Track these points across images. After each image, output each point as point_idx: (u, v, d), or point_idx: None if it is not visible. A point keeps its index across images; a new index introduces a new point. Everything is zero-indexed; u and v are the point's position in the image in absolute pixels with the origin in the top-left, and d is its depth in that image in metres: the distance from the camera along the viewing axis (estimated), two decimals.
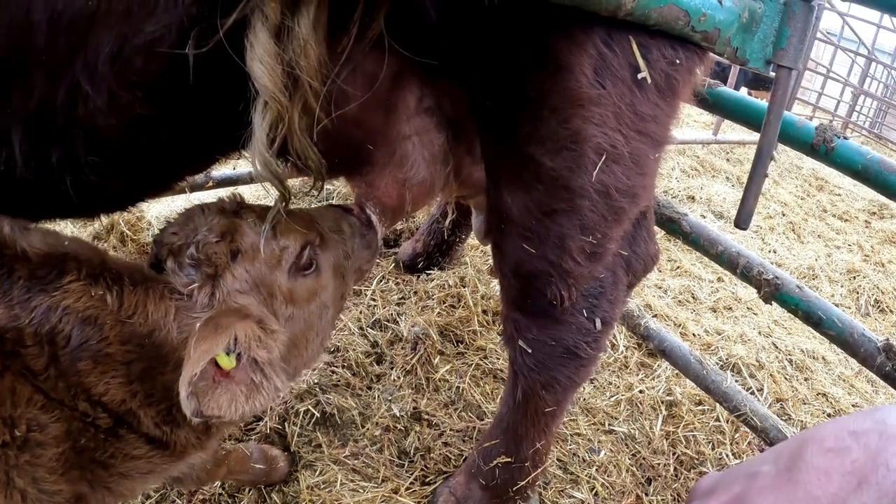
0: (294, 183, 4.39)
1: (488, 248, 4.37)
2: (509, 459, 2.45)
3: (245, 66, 1.35)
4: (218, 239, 1.54)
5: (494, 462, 2.46)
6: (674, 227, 2.96)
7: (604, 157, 1.77)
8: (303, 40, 1.35)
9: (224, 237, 1.54)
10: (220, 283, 1.51)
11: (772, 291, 2.63)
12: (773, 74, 1.80)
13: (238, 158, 2.13)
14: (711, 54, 1.83)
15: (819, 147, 2.27)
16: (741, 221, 1.92)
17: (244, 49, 1.34)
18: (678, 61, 1.73)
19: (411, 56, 1.66)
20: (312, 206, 3.40)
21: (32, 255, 1.38)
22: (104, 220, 3.94)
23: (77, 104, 1.41)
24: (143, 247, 3.84)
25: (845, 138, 2.26)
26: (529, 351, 2.19)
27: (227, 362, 1.37)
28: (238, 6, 1.32)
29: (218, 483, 2.54)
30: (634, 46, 1.64)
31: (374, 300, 3.77)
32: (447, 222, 3.93)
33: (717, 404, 3.35)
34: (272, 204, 1.63)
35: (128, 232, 3.89)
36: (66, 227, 3.78)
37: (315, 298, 1.74)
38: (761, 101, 2.60)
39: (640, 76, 1.68)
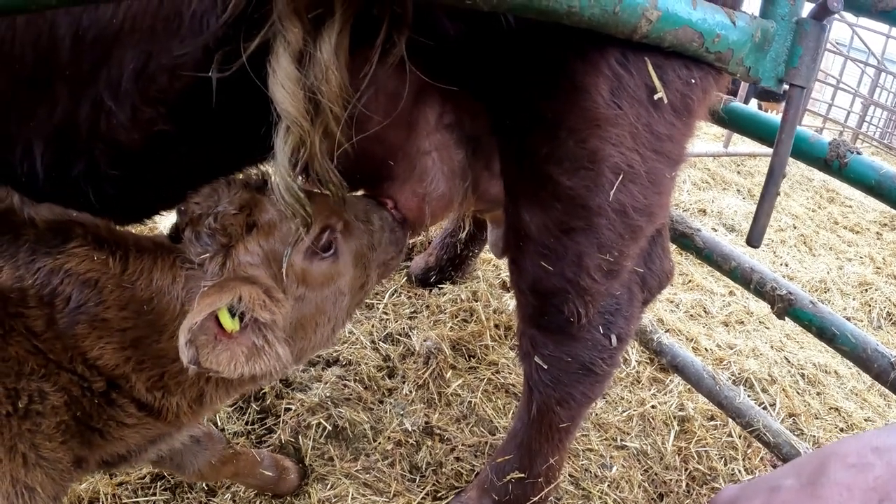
0: None
1: (501, 262, 4.39)
2: (523, 475, 2.44)
3: (267, 90, 1.37)
4: (236, 211, 1.56)
5: (508, 477, 2.46)
6: (687, 242, 2.96)
7: (621, 176, 1.78)
8: (324, 66, 1.36)
9: (242, 210, 1.57)
10: (233, 254, 1.53)
11: (785, 307, 2.63)
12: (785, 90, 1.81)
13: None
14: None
15: (832, 162, 2.27)
16: (753, 239, 1.92)
17: (266, 74, 1.36)
18: (693, 80, 1.74)
19: (432, 80, 1.67)
20: None
21: (40, 222, 1.41)
22: None
23: (100, 119, 1.45)
24: None
25: (858, 153, 2.26)
26: (545, 367, 2.19)
27: (230, 324, 1.40)
28: (261, 31, 1.34)
29: (229, 496, 2.55)
30: (650, 67, 1.66)
31: (386, 314, 3.77)
32: (460, 236, 3.93)
33: (730, 420, 3.33)
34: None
35: None
36: None
37: (330, 283, 1.74)
38: (774, 117, 2.60)
39: (656, 97, 1.69)
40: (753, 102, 12.14)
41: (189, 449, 2.17)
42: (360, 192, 2.18)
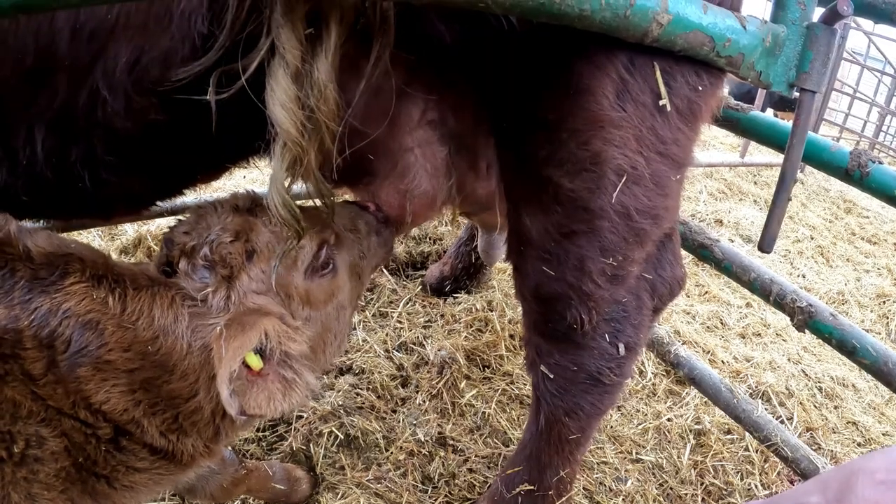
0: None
1: None
2: (532, 487, 2.40)
3: (261, 104, 1.38)
4: (232, 238, 1.50)
5: (517, 490, 2.42)
6: (706, 253, 2.92)
7: (624, 178, 1.77)
8: (322, 85, 1.37)
9: (239, 237, 1.51)
10: (236, 285, 1.46)
11: (805, 319, 2.58)
12: (797, 96, 1.79)
13: (247, 167, 2.16)
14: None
15: (854, 172, 2.22)
16: (765, 245, 1.90)
17: (264, 92, 1.37)
18: (700, 87, 1.74)
19: (427, 86, 1.69)
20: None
21: (36, 255, 1.35)
22: (131, 234, 4.02)
23: (96, 107, 1.50)
24: None
25: (880, 163, 2.22)
26: (551, 376, 2.16)
27: (255, 362, 1.35)
28: (257, 53, 1.36)
29: (238, 503, 2.55)
30: (658, 73, 1.65)
31: (400, 323, 3.78)
32: (475, 245, 3.92)
33: (747, 433, 3.29)
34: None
35: (154, 247, 3.92)
36: (94, 241, 3.86)
37: (332, 299, 1.70)
38: None
39: (661, 103, 1.69)
40: (769, 112, 12.07)
41: (201, 475, 2.11)
42: (340, 191, 2.17)
